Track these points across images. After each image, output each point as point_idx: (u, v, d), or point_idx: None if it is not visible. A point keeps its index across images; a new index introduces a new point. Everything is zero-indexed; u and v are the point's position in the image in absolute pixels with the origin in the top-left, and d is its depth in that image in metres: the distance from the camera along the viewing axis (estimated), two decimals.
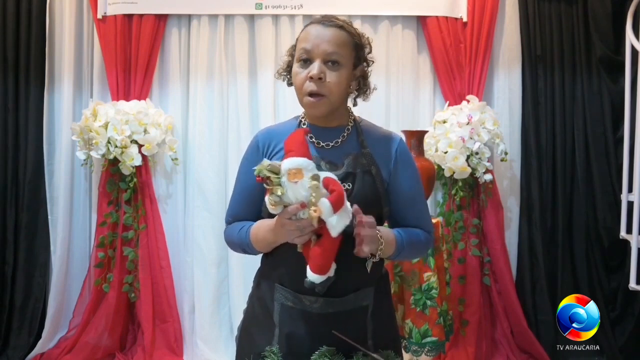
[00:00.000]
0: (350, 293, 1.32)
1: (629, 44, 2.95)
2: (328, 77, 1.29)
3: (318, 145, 1.37)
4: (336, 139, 1.38)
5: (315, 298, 1.29)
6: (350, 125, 1.41)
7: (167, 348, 3.09)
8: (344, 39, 1.32)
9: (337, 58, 1.30)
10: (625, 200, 2.95)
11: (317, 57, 1.30)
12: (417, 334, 2.43)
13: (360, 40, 1.37)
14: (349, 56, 1.33)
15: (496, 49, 3.26)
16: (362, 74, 1.39)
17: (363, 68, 1.38)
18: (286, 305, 1.32)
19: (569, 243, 3.27)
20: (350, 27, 1.35)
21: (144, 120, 3.01)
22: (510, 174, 3.30)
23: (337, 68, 1.30)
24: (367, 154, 1.36)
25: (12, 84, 3.13)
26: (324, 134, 1.38)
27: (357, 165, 1.34)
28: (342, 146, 1.37)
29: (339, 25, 1.33)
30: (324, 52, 1.29)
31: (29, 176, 3.14)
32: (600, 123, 3.23)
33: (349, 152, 1.36)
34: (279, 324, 1.33)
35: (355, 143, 1.38)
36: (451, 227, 3.08)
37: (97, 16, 3.11)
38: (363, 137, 1.39)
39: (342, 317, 1.30)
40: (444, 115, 3.06)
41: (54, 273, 3.13)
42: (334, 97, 1.31)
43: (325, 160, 1.34)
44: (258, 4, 3.13)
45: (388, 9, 3.19)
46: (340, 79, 1.31)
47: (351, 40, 1.33)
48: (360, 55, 1.37)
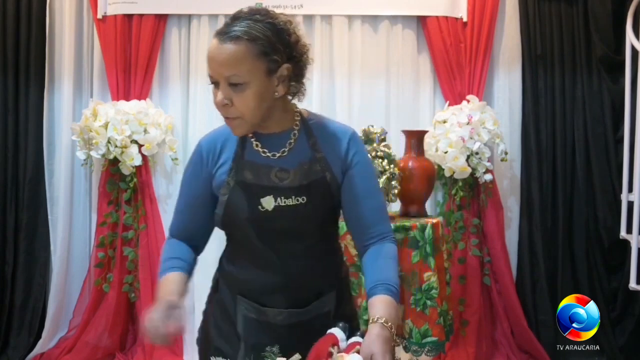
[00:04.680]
0: (313, 302, 1.31)
1: (629, 44, 2.95)
2: (234, 101, 1.19)
3: (264, 154, 1.28)
4: (282, 147, 1.28)
5: (280, 311, 1.29)
6: (297, 128, 1.30)
7: (167, 348, 3.09)
8: (241, 55, 1.16)
9: (237, 80, 1.17)
10: (625, 200, 2.95)
11: (220, 80, 1.19)
12: (417, 334, 2.43)
13: (272, 39, 1.19)
14: (255, 69, 1.17)
15: (496, 49, 3.25)
16: (289, 73, 1.22)
17: (288, 68, 1.21)
18: (249, 318, 1.30)
19: (569, 243, 3.27)
20: (253, 31, 1.17)
21: (144, 120, 3.01)
22: (510, 174, 3.30)
23: (242, 89, 1.17)
24: (320, 158, 1.28)
25: (12, 84, 3.13)
26: (269, 141, 1.29)
27: (310, 174, 1.27)
28: (292, 151, 1.28)
29: (236, 37, 1.16)
30: (222, 76, 1.18)
31: (29, 176, 3.14)
32: (600, 123, 3.23)
33: (300, 159, 1.27)
34: (244, 337, 1.31)
35: (306, 147, 1.29)
36: (451, 227, 3.08)
37: (97, 16, 3.11)
38: (314, 138, 1.30)
39: (305, 326, 1.29)
40: (444, 115, 3.06)
41: (54, 273, 3.13)
42: (248, 118, 1.21)
43: (276, 168, 1.27)
44: (258, 4, 3.12)
45: (388, 9, 3.19)
46: (246, 99, 1.18)
47: (254, 50, 1.16)
48: (276, 57, 1.19)
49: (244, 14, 1.21)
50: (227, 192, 1.28)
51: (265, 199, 1.25)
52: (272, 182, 1.26)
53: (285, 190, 1.25)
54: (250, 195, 1.25)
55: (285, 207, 1.24)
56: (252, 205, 1.25)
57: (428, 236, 2.47)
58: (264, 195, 1.25)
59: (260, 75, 1.18)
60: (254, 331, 1.30)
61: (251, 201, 1.25)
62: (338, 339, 1.19)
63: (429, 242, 2.46)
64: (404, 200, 2.73)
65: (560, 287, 3.21)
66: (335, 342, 1.18)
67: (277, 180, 1.26)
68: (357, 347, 1.15)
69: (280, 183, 1.26)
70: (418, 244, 2.47)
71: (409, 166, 2.67)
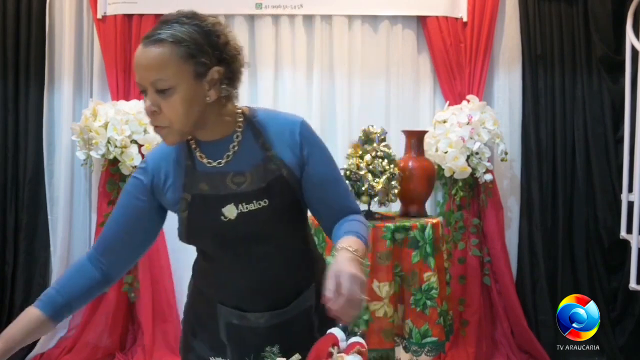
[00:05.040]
0: (293, 300, 1.29)
1: (629, 44, 2.95)
2: (163, 108, 1.13)
3: (209, 164, 1.22)
4: (227, 151, 1.22)
5: (261, 314, 1.27)
6: (240, 130, 1.23)
7: (167, 348, 3.09)
8: (166, 58, 1.11)
9: (163, 84, 1.11)
10: (625, 200, 2.95)
11: (147, 87, 1.13)
12: (417, 334, 2.43)
13: (200, 41, 1.13)
14: (182, 72, 1.11)
15: (496, 49, 3.25)
16: (221, 76, 1.16)
17: (219, 70, 1.15)
18: (232, 324, 1.29)
19: (569, 243, 3.27)
20: (178, 33, 1.12)
21: (144, 120, 3.00)
22: (510, 174, 3.30)
23: (170, 94, 1.12)
24: (272, 156, 1.22)
25: (12, 84, 3.13)
26: (212, 148, 1.23)
27: (267, 174, 1.21)
28: (241, 154, 1.22)
29: (160, 40, 1.11)
30: (148, 81, 1.12)
31: (29, 176, 3.14)
32: (600, 123, 3.23)
33: (253, 161, 1.22)
34: (228, 343, 1.31)
35: (256, 147, 1.23)
36: (451, 227, 3.08)
37: (97, 16, 3.11)
38: (262, 137, 1.23)
39: (288, 325, 1.28)
40: (444, 115, 3.05)
41: (54, 273, 3.13)
42: (177, 125, 1.14)
43: (231, 173, 1.22)
44: (258, 4, 3.13)
45: (388, 9, 3.19)
46: (174, 105, 1.12)
47: (179, 52, 1.11)
48: (204, 60, 1.13)
49: (170, 17, 1.16)
50: (185, 208, 1.23)
51: (226, 208, 1.21)
52: (230, 189, 1.21)
53: (244, 195, 1.21)
54: (211, 207, 1.21)
55: (248, 213, 1.20)
56: (215, 217, 1.21)
57: (428, 236, 2.47)
58: (225, 205, 1.21)
59: (187, 78, 1.12)
60: (238, 336, 1.30)
61: (212, 213, 1.21)
62: (338, 339, 1.19)
63: (429, 242, 2.46)
64: (404, 200, 2.73)
65: (560, 287, 3.21)
66: (335, 342, 1.18)
67: (235, 186, 1.21)
68: (357, 347, 1.15)
69: (238, 189, 1.21)
70: (418, 244, 2.46)
71: (409, 166, 2.67)
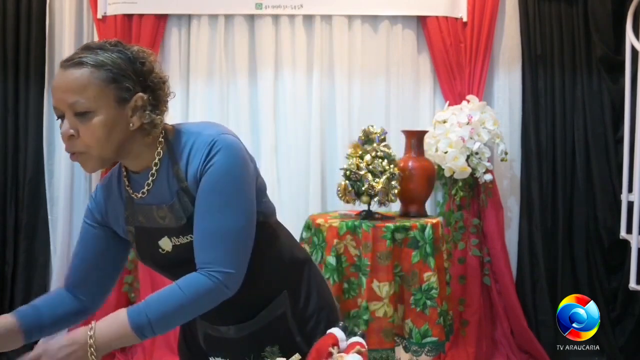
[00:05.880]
0: (261, 311, 1.27)
1: (629, 44, 2.95)
2: (81, 132, 1.08)
3: (136, 196, 1.20)
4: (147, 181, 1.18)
5: (228, 327, 1.28)
6: (158, 159, 1.16)
7: (167, 348, 3.09)
8: (85, 80, 1.06)
9: (82, 107, 1.06)
10: (625, 200, 2.95)
11: (65, 110, 1.08)
12: (417, 334, 2.43)
13: (123, 66, 1.09)
14: (102, 95, 1.07)
15: (496, 49, 3.25)
16: (144, 103, 1.11)
17: (142, 97, 1.10)
18: (208, 334, 1.33)
19: (569, 243, 3.27)
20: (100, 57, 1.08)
21: None
22: (510, 174, 3.30)
23: (89, 117, 1.06)
24: (186, 188, 1.14)
25: (12, 84, 3.13)
26: (137, 180, 1.20)
27: (184, 210, 1.15)
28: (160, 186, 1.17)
29: (79, 62, 1.07)
30: (66, 104, 1.07)
31: (29, 176, 3.14)
32: (600, 123, 3.23)
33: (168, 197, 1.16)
34: (207, 350, 1.35)
35: (172, 178, 1.16)
36: (451, 227, 3.08)
37: (97, 16, 3.11)
38: (177, 165, 1.15)
39: (261, 333, 1.27)
40: (444, 115, 3.05)
41: (54, 273, 3.13)
42: (95, 151, 1.09)
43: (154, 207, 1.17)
44: (258, 4, 3.13)
45: (388, 9, 3.18)
46: (93, 129, 1.07)
47: (100, 76, 1.07)
48: (127, 85, 1.09)
49: (93, 44, 1.13)
50: (133, 239, 1.24)
51: (162, 241, 1.19)
52: (158, 223, 1.18)
53: (172, 230, 1.17)
54: (150, 239, 1.20)
55: (181, 246, 1.17)
56: (153, 249, 1.20)
57: (428, 236, 2.47)
58: (160, 238, 1.19)
59: (108, 103, 1.08)
60: (215, 345, 1.33)
61: (152, 245, 1.20)
62: (338, 339, 1.19)
63: (429, 242, 2.46)
64: (404, 200, 2.73)
65: (560, 287, 3.21)
66: (335, 342, 1.18)
67: (161, 220, 1.18)
68: (357, 347, 1.15)
69: (164, 223, 1.17)
70: (418, 244, 2.46)
71: (409, 166, 2.67)
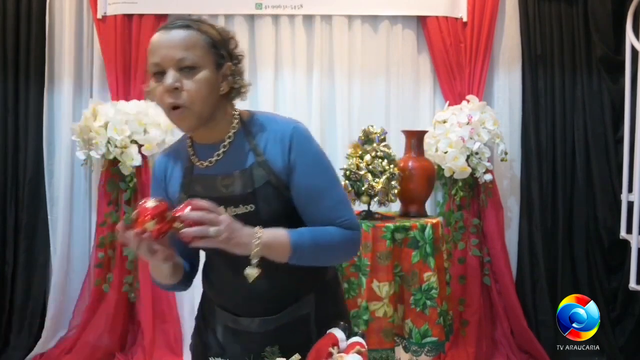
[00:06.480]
0: (287, 307, 1.28)
1: (629, 44, 2.95)
2: (185, 86, 1.15)
3: (202, 165, 1.25)
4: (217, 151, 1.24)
5: (252, 319, 1.28)
6: (233, 131, 1.24)
7: (167, 348, 3.09)
8: (194, 40, 1.16)
9: (190, 62, 1.15)
10: (625, 200, 2.95)
11: (169, 66, 1.15)
12: (417, 334, 2.43)
13: (218, 37, 1.20)
14: (206, 56, 1.17)
15: (496, 49, 3.25)
16: (232, 72, 1.22)
17: (231, 66, 1.21)
18: (228, 327, 1.32)
19: (569, 243, 3.27)
20: (202, 24, 1.20)
21: (143, 120, 3.01)
22: (510, 174, 3.30)
23: (194, 73, 1.15)
24: (262, 162, 1.22)
25: (12, 84, 3.14)
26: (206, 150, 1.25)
27: (254, 180, 1.21)
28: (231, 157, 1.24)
29: (186, 25, 1.17)
30: (173, 60, 1.14)
31: (29, 176, 3.14)
32: (600, 123, 3.23)
33: (241, 165, 1.23)
34: (224, 344, 1.33)
35: (247, 151, 1.23)
36: (451, 227, 3.08)
37: (97, 16, 3.11)
38: (255, 142, 1.24)
39: (283, 331, 1.28)
40: (444, 115, 3.06)
41: (54, 273, 3.13)
42: (197, 107, 1.16)
43: (219, 177, 1.23)
44: (258, 4, 3.13)
45: (388, 9, 3.19)
46: (199, 84, 1.15)
47: (204, 39, 1.18)
48: (222, 53, 1.20)
49: (186, 17, 1.23)
50: None
51: None
52: (220, 192, 1.22)
53: (232, 199, 1.21)
54: None
55: (236, 217, 1.17)
56: None
57: (428, 236, 2.47)
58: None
59: (210, 65, 1.18)
60: (233, 339, 1.31)
61: None
62: (338, 339, 1.19)
63: (429, 242, 2.46)
64: (404, 200, 2.73)
65: (560, 287, 3.21)
66: (335, 342, 1.18)
67: (224, 189, 1.22)
68: (357, 347, 1.15)
69: (226, 192, 1.22)
70: (418, 244, 2.46)
71: (409, 166, 2.67)
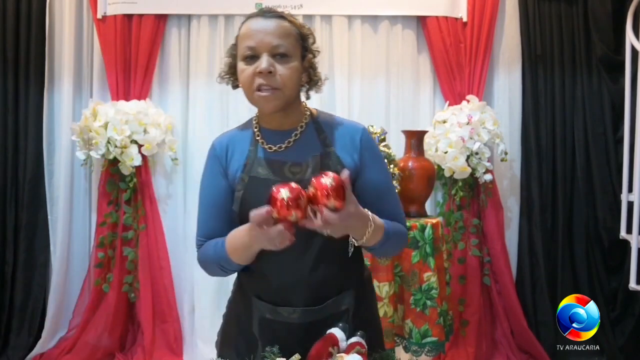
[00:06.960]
0: (329, 300, 1.29)
1: (629, 44, 2.95)
2: (279, 71, 1.22)
3: (270, 150, 1.29)
4: (288, 138, 1.30)
5: (293, 309, 1.27)
6: (305, 122, 1.32)
7: (167, 348, 3.09)
8: (288, 30, 1.25)
9: (284, 50, 1.23)
10: (625, 200, 2.95)
11: (263, 51, 1.22)
12: (417, 334, 2.43)
13: (303, 31, 1.29)
14: (296, 47, 1.26)
15: (496, 49, 3.25)
16: (311, 65, 1.30)
17: (310, 59, 1.30)
18: (265, 318, 1.30)
19: (569, 243, 3.27)
20: (292, 17, 1.29)
21: (143, 120, 3.01)
22: (510, 174, 3.30)
23: (287, 60, 1.23)
24: (331, 153, 1.28)
25: (12, 84, 3.14)
26: (275, 136, 1.31)
27: (323, 168, 1.25)
28: (301, 146, 1.29)
29: (281, 16, 1.26)
30: (269, 46, 1.22)
31: (29, 176, 3.14)
32: (600, 123, 3.23)
33: (312, 152, 1.28)
34: (260, 337, 1.31)
35: (317, 141, 1.30)
36: (451, 227, 3.08)
37: (97, 16, 3.11)
38: (325, 134, 1.31)
39: (322, 324, 1.26)
40: (444, 115, 3.06)
41: (54, 273, 3.13)
42: (288, 91, 1.24)
43: (289, 163, 1.27)
44: (258, 4, 3.13)
45: (388, 9, 3.19)
46: (291, 71, 1.23)
47: (295, 31, 1.27)
48: (306, 45, 1.29)
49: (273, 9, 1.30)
50: (242, 188, 1.28)
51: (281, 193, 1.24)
52: (286, 177, 1.25)
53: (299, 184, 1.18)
54: (265, 189, 1.18)
55: None
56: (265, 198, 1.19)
57: (428, 236, 2.47)
58: None
59: (297, 54, 1.26)
60: (270, 332, 1.29)
61: (266, 195, 1.18)
62: (338, 339, 1.19)
63: (429, 242, 2.46)
64: (404, 200, 2.72)
65: (560, 287, 3.22)
66: (335, 342, 1.18)
67: (291, 175, 1.26)
68: (357, 347, 1.15)
69: (294, 177, 1.25)
70: (418, 244, 2.47)
71: (408, 166, 2.67)
